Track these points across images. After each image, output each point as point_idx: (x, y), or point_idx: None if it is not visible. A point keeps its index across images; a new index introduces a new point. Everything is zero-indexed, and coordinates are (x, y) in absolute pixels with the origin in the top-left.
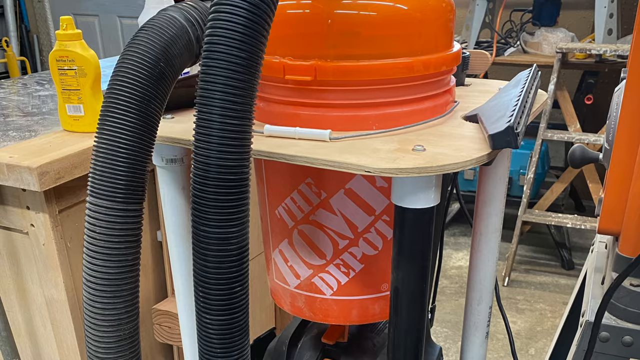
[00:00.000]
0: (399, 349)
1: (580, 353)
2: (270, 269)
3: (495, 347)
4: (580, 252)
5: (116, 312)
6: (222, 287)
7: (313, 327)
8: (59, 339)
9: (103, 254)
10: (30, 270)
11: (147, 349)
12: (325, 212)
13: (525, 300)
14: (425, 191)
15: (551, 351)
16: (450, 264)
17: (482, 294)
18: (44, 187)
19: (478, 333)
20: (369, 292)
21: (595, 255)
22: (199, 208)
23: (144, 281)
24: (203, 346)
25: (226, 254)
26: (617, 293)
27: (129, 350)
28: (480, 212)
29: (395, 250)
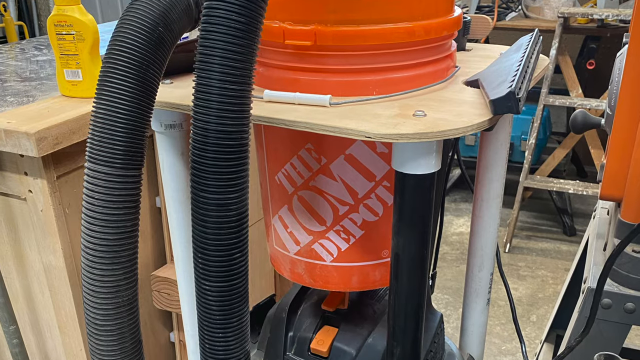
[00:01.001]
0: (399, 315)
1: (582, 320)
2: (270, 235)
3: (496, 313)
4: (582, 218)
5: (115, 278)
6: (221, 253)
7: (313, 294)
8: (57, 306)
9: (102, 220)
10: (28, 237)
11: (145, 315)
12: (325, 178)
13: (527, 267)
14: (426, 157)
15: (553, 318)
16: (451, 230)
17: (483, 261)
18: (42, 152)
19: (479, 300)
20: (369, 259)
21: (597, 221)
22: (198, 174)
23: (142, 247)
24: (202, 313)
25: (225, 220)
26: (619, 259)
27: (128, 317)
28: (482, 178)
29: (395, 216)
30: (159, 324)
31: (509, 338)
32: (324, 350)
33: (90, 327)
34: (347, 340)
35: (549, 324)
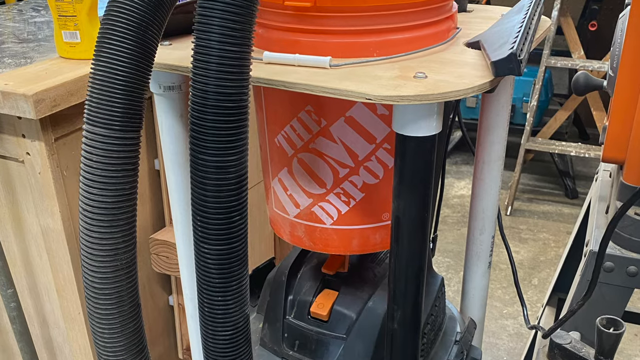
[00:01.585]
0: (400, 279)
1: (584, 283)
2: (270, 198)
3: (497, 277)
4: (584, 181)
5: (113, 241)
6: (220, 216)
7: (313, 257)
8: (55, 269)
9: (100, 183)
10: (25, 199)
11: (144, 279)
12: (325, 140)
13: (529, 230)
14: (426, 119)
15: (554, 281)
16: (452, 193)
17: (484, 223)
18: (40, 114)
19: (480, 263)
20: (369, 222)
21: (600, 183)
22: (197, 136)
23: (141, 210)
24: (201, 276)
25: (225, 183)
26: (621, 222)
27: (126, 280)
28: (483, 140)
29: (396, 179)
30: (158, 288)
31: (511, 301)
32: (324, 314)
33: (88, 291)
34: (348, 303)
35: (550, 287)
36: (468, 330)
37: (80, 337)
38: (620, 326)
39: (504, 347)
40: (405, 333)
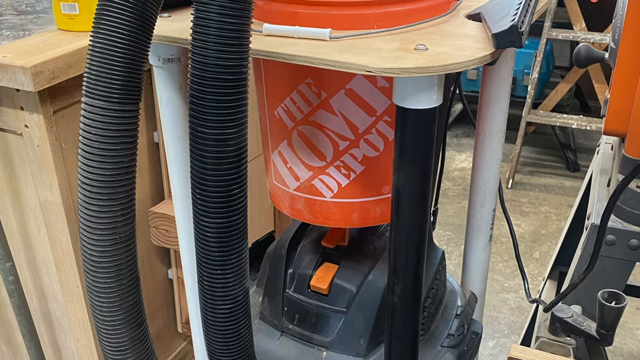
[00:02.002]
0: (400, 252)
1: (585, 257)
2: (269, 170)
3: (498, 250)
4: (585, 154)
5: (112, 214)
6: (220, 189)
7: (313, 231)
8: (53, 242)
9: (98, 156)
10: (24, 172)
11: (143, 252)
12: (325, 113)
13: (530, 203)
14: (427, 91)
15: (556, 255)
16: (453, 166)
17: (485, 196)
18: (38, 87)
19: (481, 236)
20: (370, 195)
21: (601, 156)
22: (196, 109)
23: (140, 183)
24: (200, 249)
25: (224, 156)
26: (623, 195)
27: (125, 253)
28: (484, 113)
29: (396, 151)
30: (157, 261)
31: (512, 275)
32: (324, 287)
33: (87, 264)
34: (348, 277)
35: (552, 260)
36: (469, 304)
37: (79, 310)
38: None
39: (505, 321)
40: (405, 307)
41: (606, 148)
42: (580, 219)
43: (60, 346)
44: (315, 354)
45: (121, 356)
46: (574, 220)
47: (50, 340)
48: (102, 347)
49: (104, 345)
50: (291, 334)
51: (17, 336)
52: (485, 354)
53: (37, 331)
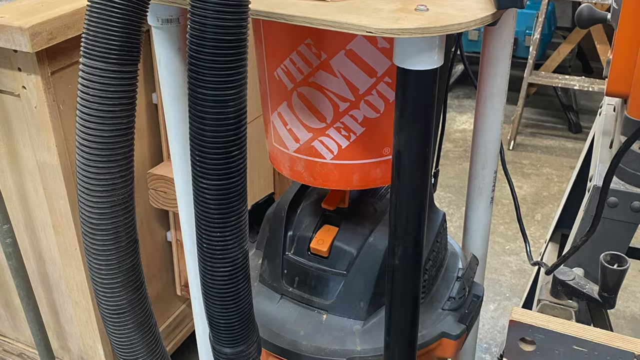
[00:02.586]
0: (401, 214)
1: (587, 219)
2: (269, 132)
3: (500, 212)
4: (587, 115)
5: (110, 176)
6: (219, 150)
7: (313, 193)
8: (51, 204)
9: (97, 117)
10: (22, 134)
11: (142, 214)
12: (325, 74)
13: (531, 165)
14: (428, 52)
15: (558, 217)
16: (454, 127)
17: (486, 158)
18: (36, 48)
19: (482, 198)
20: (370, 156)
21: (603, 118)
22: (195, 70)
23: (138, 145)
24: (199, 211)
25: (223, 117)
26: (625, 157)
27: (123, 215)
28: (485, 74)
29: (397, 113)
30: (156, 223)
31: (513, 237)
32: (324, 250)
33: (85, 226)
34: (348, 239)
35: (553, 223)
36: (470, 267)
37: (77, 273)
38: (624, 262)
39: (506, 284)
40: (406, 269)
41: (608, 109)
42: (583, 180)
43: (58, 309)
44: (315, 316)
45: (119, 319)
46: (576, 182)
47: (48, 303)
48: (101, 310)
49: (102, 308)
50: (291, 297)
51: (15, 299)
52: (487, 317)
53: (34, 294)
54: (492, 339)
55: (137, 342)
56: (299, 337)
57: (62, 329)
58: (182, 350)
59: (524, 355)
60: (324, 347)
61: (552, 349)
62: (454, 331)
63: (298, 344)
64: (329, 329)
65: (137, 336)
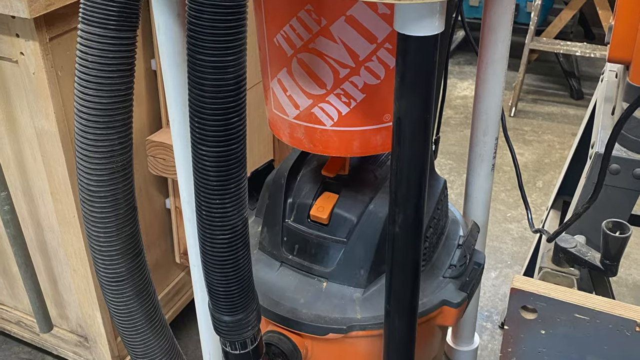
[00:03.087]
0: (401, 181)
1: (589, 186)
2: (269, 99)
3: (501, 179)
4: (589, 82)
5: (109, 143)
6: (218, 117)
7: (313, 159)
8: (50, 172)
9: (95, 84)
10: (20, 100)
11: (140, 181)
12: (326, 40)
13: (533, 131)
14: (429, 18)
15: (559, 184)
16: (455, 94)
17: (488, 125)
18: (34, 13)
19: (484, 165)
20: (370, 123)
21: (605, 84)
22: (194, 35)
23: (137, 111)
24: (199, 178)
25: (223, 83)
26: (627, 124)
27: (122, 182)
28: (486, 40)
29: (398, 79)
30: (154, 190)
31: (515, 204)
32: (324, 217)
33: (83, 193)
34: (348, 206)
35: (555, 190)
36: (471, 234)
37: (75, 241)
38: (626, 230)
39: (507, 251)
40: (406, 237)
41: (610, 76)
42: (584, 147)
43: (56, 277)
44: (315, 284)
45: (118, 286)
46: (578, 149)
47: (46, 270)
48: (99, 278)
49: (101, 276)
50: (291, 265)
51: (13, 267)
52: (488, 285)
53: (32, 261)
54: (493, 307)
55: (136, 310)
56: (299, 305)
57: (60, 297)
58: (181, 318)
59: (525, 323)
60: (324, 315)
61: (554, 317)
62: (455, 299)
63: (298, 312)
64: (329, 297)
65: (136, 304)
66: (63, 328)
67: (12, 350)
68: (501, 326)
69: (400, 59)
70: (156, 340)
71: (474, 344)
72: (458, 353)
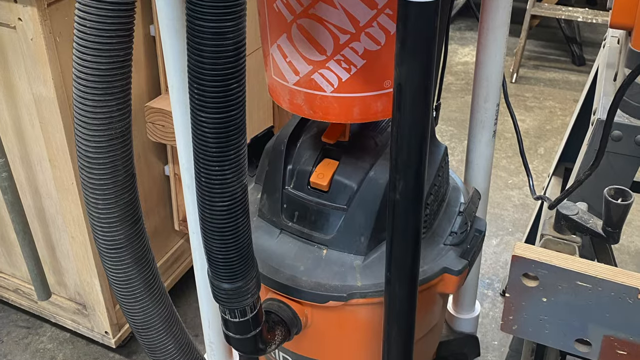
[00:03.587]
0: (402, 148)
1: (591, 152)
2: (268, 65)
3: (502, 146)
4: (591, 48)
5: (107, 109)
6: (217, 83)
7: (313, 126)
8: (48, 138)
9: (94, 49)
10: (17, 67)
11: (139, 148)
12: (325, 5)
13: (534, 98)
14: None
15: (561, 151)
16: (456, 60)
17: (489, 91)
18: None
19: (485, 131)
20: (371, 89)
21: (607, 50)
22: (194, 1)
23: (136, 77)
24: (198, 145)
25: (222, 49)
26: (629, 90)
27: (121, 149)
28: (487, 6)
29: (398, 45)
30: (153, 157)
31: (516, 171)
32: (324, 184)
33: (82, 160)
34: (348, 173)
35: (557, 156)
36: (472, 201)
37: (73, 208)
38: (628, 196)
39: (509, 218)
40: (407, 204)
41: (612, 42)
42: (586, 114)
43: (54, 244)
44: (315, 251)
45: (117, 254)
46: (580, 116)
47: (44, 237)
48: (98, 245)
49: (99, 243)
50: (290, 232)
51: (11, 234)
52: (489, 252)
53: (30, 229)
54: (494, 275)
55: (135, 278)
56: (299, 273)
57: (58, 264)
58: (180, 286)
59: (526, 290)
60: (324, 282)
61: (555, 285)
62: (456, 266)
63: (298, 279)
64: (329, 265)
65: (135, 271)
66: (61, 296)
67: (10, 318)
68: (502, 294)
69: (400, 25)
70: (155, 307)
71: (475, 311)
72: (459, 321)
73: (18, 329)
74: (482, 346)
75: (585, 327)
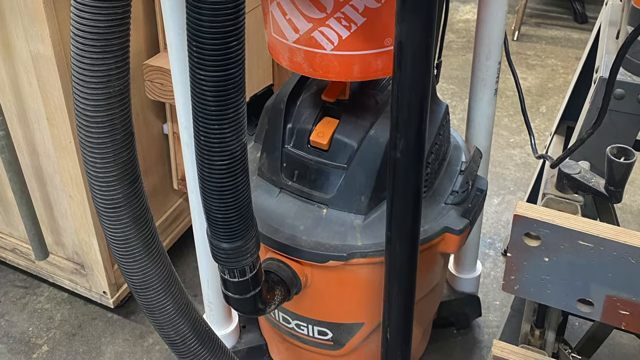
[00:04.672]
0: (403, 106)
1: (593, 111)
2: (268, 22)
3: (504, 104)
4: (593, 5)
5: (106, 67)
6: (216, 41)
7: (312, 84)
8: (45, 96)
9: (91, 7)
10: (14, 24)
11: (137, 106)
12: None
13: (536, 56)
14: None
15: (563, 109)
16: (457, 17)
17: (490, 49)
18: None
19: (486, 89)
20: (371, 47)
21: (610, 7)
22: None
23: (134, 35)
24: (197, 104)
25: (221, 6)
26: (632, 48)
27: (119, 107)
28: None
29: (399, 2)
30: (152, 116)
31: (518, 130)
32: (324, 143)
33: (80, 119)
34: (349, 132)
35: (559, 115)
36: (473, 160)
37: (71, 166)
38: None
39: (510, 177)
40: (408, 162)
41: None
42: (588, 72)
43: (52, 203)
44: (315, 210)
45: (115, 213)
46: (582, 74)
47: (41, 197)
48: (96, 205)
49: (97, 202)
50: (290, 191)
51: (8, 193)
52: (491, 211)
53: (28, 187)
54: (496, 234)
55: (133, 237)
56: (299, 232)
57: (56, 223)
58: (179, 246)
59: (528, 250)
60: (324, 242)
61: (557, 244)
62: (457, 226)
63: (298, 239)
64: (329, 224)
65: (133, 231)
66: (59, 255)
67: (7, 277)
68: (504, 253)
69: None
70: (153, 267)
71: (477, 271)
72: (460, 280)
73: (15, 289)
74: (483, 306)
75: (588, 287)
